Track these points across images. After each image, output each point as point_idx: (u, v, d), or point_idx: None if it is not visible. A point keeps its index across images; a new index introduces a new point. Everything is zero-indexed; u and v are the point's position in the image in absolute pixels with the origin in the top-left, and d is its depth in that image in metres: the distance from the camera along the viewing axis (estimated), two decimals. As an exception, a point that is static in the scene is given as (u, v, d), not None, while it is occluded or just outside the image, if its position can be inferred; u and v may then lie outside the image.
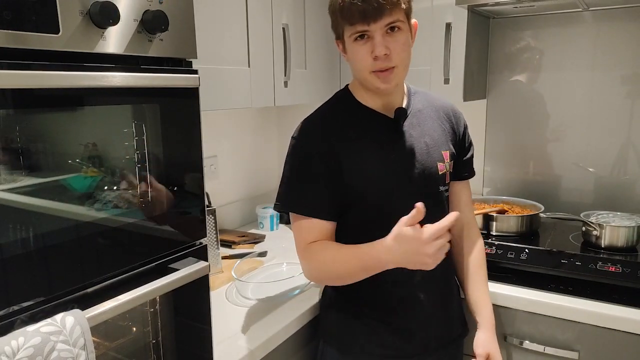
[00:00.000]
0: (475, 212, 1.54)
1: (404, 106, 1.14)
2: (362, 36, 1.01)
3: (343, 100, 1.14)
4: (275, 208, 1.14)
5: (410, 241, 0.93)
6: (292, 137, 1.13)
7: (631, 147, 1.66)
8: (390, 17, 0.98)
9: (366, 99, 1.12)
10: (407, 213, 0.97)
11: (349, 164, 1.07)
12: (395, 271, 1.04)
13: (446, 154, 1.16)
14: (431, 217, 1.07)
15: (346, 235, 1.11)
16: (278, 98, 1.54)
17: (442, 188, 1.14)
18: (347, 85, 1.17)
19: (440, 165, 1.14)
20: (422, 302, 1.13)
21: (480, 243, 1.27)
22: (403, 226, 0.94)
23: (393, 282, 1.11)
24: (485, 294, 1.23)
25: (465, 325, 1.27)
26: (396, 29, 1.00)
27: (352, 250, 1.04)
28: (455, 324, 1.23)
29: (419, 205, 0.92)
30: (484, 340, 1.18)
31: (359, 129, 1.10)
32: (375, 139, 1.10)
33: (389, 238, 0.96)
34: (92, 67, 0.75)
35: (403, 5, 1.00)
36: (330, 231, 1.10)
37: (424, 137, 1.13)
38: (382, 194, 1.09)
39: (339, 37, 1.08)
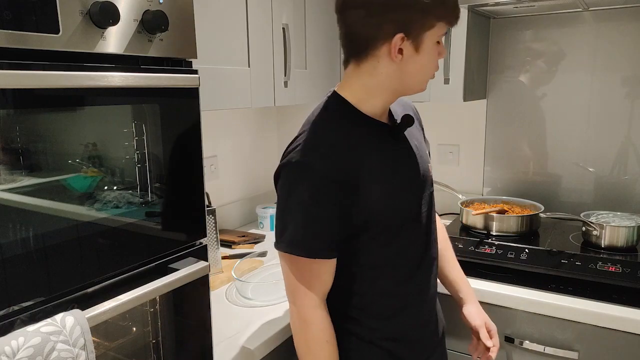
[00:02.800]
0: (475, 212, 1.55)
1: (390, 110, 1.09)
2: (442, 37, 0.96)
3: (342, 112, 0.99)
4: (278, 248, 0.97)
5: None
6: (291, 162, 0.93)
7: (631, 147, 1.66)
8: None
9: (368, 108, 0.99)
10: (415, 220, 1.00)
11: (366, 184, 0.94)
12: (421, 282, 1.05)
13: (428, 154, 1.14)
14: (426, 219, 1.08)
15: (353, 253, 1.00)
16: (278, 98, 1.54)
17: (432, 189, 1.11)
18: (334, 92, 1.01)
19: (429, 167, 1.11)
20: (420, 310, 1.10)
21: (439, 220, 1.24)
22: None
23: (386, 293, 1.04)
24: (459, 270, 1.24)
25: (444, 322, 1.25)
26: None
27: None
28: (440, 323, 1.22)
29: None
30: (476, 311, 1.18)
31: (368, 143, 0.98)
32: (384, 151, 1.00)
33: None
34: (92, 67, 0.75)
35: None
36: (333, 271, 0.99)
37: (413, 140, 1.08)
38: (398, 207, 1.00)
39: (411, 33, 0.91)
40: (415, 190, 1.05)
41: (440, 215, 1.95)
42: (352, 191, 0.93)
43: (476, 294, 1.37)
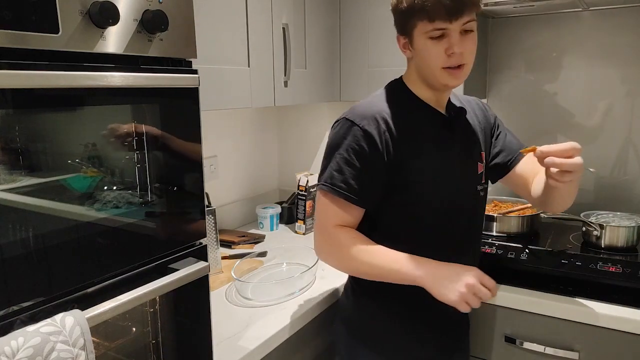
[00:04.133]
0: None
1: (452, 103, 1.17)
2: (439, 35, 1.01)
3: (398, 92, 1.12)
4: (319, 186, 1.09)
5: (458, 268, 1.00)
6: (345, 118, 1.07)
7: (631, 147, 1.66)
8: (468, 16, 1.00)
9: (422, 93, 1.11)
10: (451, 210, 1.06)
11: (407, 157, 1.06)
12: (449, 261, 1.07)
13: (482, 155, 1.18)
14: (468, 215, 1.13)
15: (383, 227, 1.11)
16: (278, 98, 1.54)
17: (479, 187, 1.16)
18: (401, 77, 1.15)
19: (479, 165, 1.16)
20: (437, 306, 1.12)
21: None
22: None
23: None
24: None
25: (468, 321, 1.29)
26: (470, 29, 1.03)
27: (386, 250, 1.05)
28: (465, 322, 1.26)
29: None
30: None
31: (416, 122, 1.09)
32: (432, 135, 1.09)
33: (445, 263, 1.02)
34: (92, 67, 0.75)
35: (480, 6, 1.03)
36: (359, 218, 1.10)
37: (470, 135, 1.16)
38: (434, 189, 1.08)
39: (404, 33, 1.06)
40: (453, 181, 1.11)
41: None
42: (388, 157, 1.04)
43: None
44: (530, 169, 1.20)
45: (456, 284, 0.97)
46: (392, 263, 1.04)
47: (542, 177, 1.10)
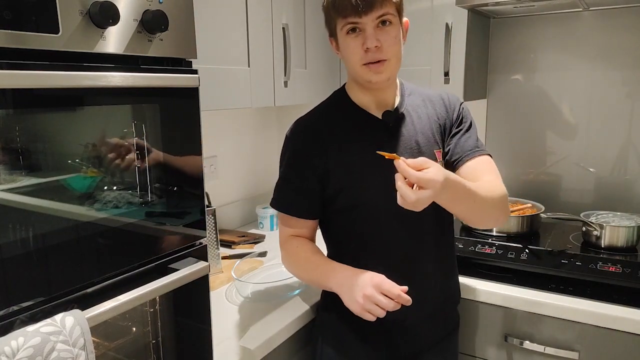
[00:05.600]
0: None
1: (396, 104, 1.14)
2: (353, 29, 1.03)
3: (338, 99, 1.17)
4: (270, 203, 1.20)
5: (363, 276, 1.00)
6: (285, 135, 1.16)
7: (631, 147, 1.66)
8: (381, 9, 1.00)
9: (360, 98, 1.13)
10: (395, 213, 0.98)
11: (337, 164, 1.10)
12: (398, 269, 1.05)
13: (439, 153, 1.14)
14: (418, 218, 1.05)
15: (332, 234, 1.19)
16: (278, 98, 1.54)
17: None
18: (345, 84, 1.19)
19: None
20: (426, 300, 1.13)
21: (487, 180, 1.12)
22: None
23: (395, 280, 1.07)
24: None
25: (458, 320, 1.27)
26: (387, 22, 1.02)
27: (316, 258, 1.13)
28: (450, 321, 1.23)
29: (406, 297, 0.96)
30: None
31: (349, 128, 1.12)
32: (364, 139, 1.11)
33: (357, 271, 1.04)
34: (92, 67, 0.75)
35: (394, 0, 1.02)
36: (311, 227, 1.19)
37: (417, 135, 1.12)
38: (367, 193, 1.09)
39: (332, 34, 1.10)
40: (392, 186, 1.00)
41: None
42: (321, 168, 1.10)
43: (476, 294, 1.37)
44: (471, 173, 1.10)
45: (356, 295, 0.99)
46: (315, 271, 1.12)
47: None
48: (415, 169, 0.88)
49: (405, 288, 0.97)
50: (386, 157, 0.91)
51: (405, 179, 0.88)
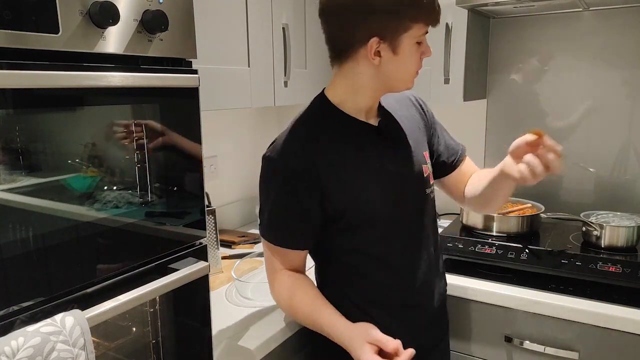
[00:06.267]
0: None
1: (382, 107, 1.10)
2: (424, 38, 0.99)
3: (322, 109, 1.04)
4: (260, 233, 1.09)
5: (361, 342, 0.94)
6: (264, 156, 1.02)
7: (631, 147, 1.66)
8: None
9: (351, 107, 1.03)
10: (401, 219, 1.00)
11: (337, 179, 0.99)
12: (405, 278, 1.05)
13: (426, 155, 1.13)
14: (418, 221, 1.08)
15: (332, 253, 1.07)
16: (278, 98, 1.54)
17: (427, 191, 1.11)
18: (321, 93, 1.07)
19: (424, 168, 1.10)
20: (422, 306, 1.11)
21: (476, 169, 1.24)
22: (376, 337, 0.93)
23: (393, 286, 1.07)
24: (486, 172, 1.14)
25: (448, 318, 1.25)
26: None
27: (317, 307, 1.02)
28: (445, 321, 1.22)
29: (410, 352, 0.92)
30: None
31: (343, 139, 1.02)
32: (363, 150, 1.03)
33: (353, 329, 0.97)
34: (92, 67, 0.75)
35: None
36: (302, 258, 1.08)
37: (408, 139, 1.09)
38: (375, 206, 1.03)
39: (385, 37, 0.94)
40: (396, 191, 1.05)
41: (440, 215, 1.95)
42: (320, 186, 0.98)
43: (476, 294, 1.37)
44: (469, 169, 1.21)
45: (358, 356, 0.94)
46: (318, 322, 1.02)
47: (485, 175, 1.11)
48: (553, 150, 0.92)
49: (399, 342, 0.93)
50: (536, 133, 0.94)
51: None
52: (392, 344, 0.92)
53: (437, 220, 1.22)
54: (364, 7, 0.91)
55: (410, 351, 0.92)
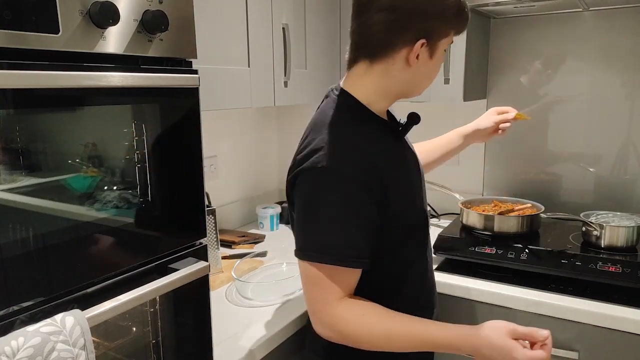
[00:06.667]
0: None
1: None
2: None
3: (356, 112, 0.98)
4: (302, 257, 0.92)
5: (510, 342, 0.86)
6: (317, 168, 0.89)
7: (631, 147, 1.66)
8: None
9: (378, 107, 1.00)
10: (427, 225, 1.06)
11: (393, 186, 0.94)
12: (424, 279, 1.07)
13: None
14: (427, 222, 1.11)
15: (385, 264, 0.98)
16: (278, 98, 1.54)
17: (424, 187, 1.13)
18: (344, 92, 0.99)
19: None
20: (434, 306, 1.13)
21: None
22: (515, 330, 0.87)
23: (424, 289, 1.07)
24: (435, 141, 1.47)
25: None
26: None
27: (417, 324, 0.90)
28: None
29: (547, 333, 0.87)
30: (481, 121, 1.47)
31: (384, 143, 0.98)
32: (397, 151, 1.01)
33: (491, 328, 0.87)
34: (92, 67, 0.75)
35: None
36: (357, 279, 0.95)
37: (407, 138, 1.11)
38: (417, 208, 1.03)
39: (431, 41, 0.93)
40: (421, 187, 1.08)
41: (440, 215, 1.95)
42: (381, 193, 0.91)
43: (476, 294, 1.37)
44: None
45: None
46: (429, 340, 0.89)
47: (441, 143, 1.43)
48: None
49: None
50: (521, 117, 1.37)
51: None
52: (543, 332, 0.87)
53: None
54: (417, 9, 0.91)
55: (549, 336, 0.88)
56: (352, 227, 0.89)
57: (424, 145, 1.43)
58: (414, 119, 1.04)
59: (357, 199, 0.89)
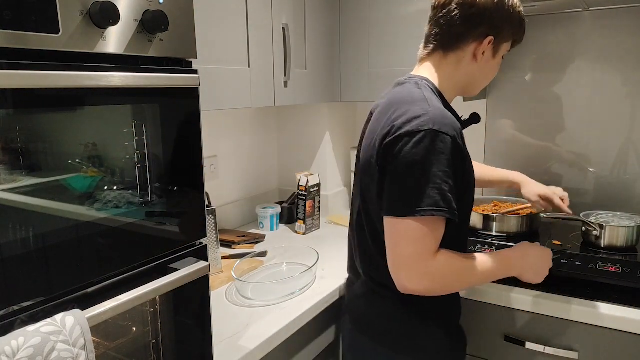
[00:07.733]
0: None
1: None
2: None
3: (439, 97, 1.08)
4: (407, 213, 0.96)
5: (546, 256, 1.17)
6: (426, 128, 0.95)
7: (631, 147, 1.66)
8: None
9: (449, 99, 1.13)
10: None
11: (468, 161, 1.05)
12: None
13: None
14: None
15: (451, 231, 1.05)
16: (278, 98, 1.54)
17: None
18: (426, 79, 1.09)
19: None
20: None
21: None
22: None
23: None
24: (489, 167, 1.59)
25: None
26: None
27: (488, 256, 1.09)
28: None
29: None
30: (535, 186, 1.48)
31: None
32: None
33: (528, 248, 1.16)
34: (92, 67, 0.75)
35: None
36: None
37: None
38: (472, 200, 1.14)
39: (499, 42, 1.08)
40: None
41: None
42: (467, 161, 1.04)
43: (476, 294, 1.37)
44: None
45: (546, 268, 1.18)
46: (489, 272, 1.08)
47: (492, 176, 1.55)
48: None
49: None
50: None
51: None
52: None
53: None
54: (492, 8, 1.03)
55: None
56: (449, 185, 0.96)
57: (480, 167, 1.56)
58: (475, 118, 1.18)
59: (455, 160, 0.97)
